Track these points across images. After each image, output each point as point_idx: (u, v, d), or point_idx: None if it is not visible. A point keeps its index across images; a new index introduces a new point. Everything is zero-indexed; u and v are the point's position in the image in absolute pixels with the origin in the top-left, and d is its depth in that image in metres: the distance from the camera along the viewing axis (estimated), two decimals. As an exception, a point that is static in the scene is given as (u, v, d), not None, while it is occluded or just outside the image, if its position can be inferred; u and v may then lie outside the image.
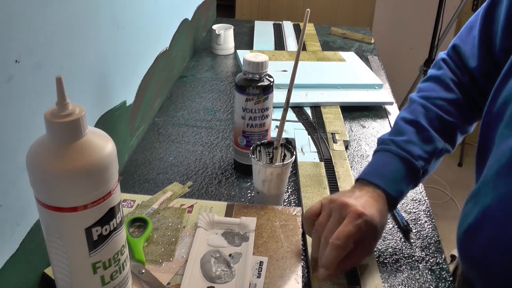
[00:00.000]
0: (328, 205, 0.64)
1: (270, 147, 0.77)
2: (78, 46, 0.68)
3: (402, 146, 0.70)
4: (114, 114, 0.83)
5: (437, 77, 0.78)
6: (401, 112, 0.77)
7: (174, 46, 1.19)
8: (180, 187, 0.82)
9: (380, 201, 0.65)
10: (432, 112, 0.73)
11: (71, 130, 0.43)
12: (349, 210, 0.61)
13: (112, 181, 0.46)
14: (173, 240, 0.69)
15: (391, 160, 0.69)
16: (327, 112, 1.07)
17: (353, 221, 0.59)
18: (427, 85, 0.78)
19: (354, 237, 0.59)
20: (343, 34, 1.63)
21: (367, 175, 0.69)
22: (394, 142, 0.71)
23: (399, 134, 0.72)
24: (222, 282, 0.62)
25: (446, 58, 0.79)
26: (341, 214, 0.61)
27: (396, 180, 0.68)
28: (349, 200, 0.62)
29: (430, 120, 0.73)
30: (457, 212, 2.20)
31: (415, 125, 0.72)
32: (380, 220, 0.63)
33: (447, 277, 0.67)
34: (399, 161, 0.69)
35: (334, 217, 0.62)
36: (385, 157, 0.70)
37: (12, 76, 0.52)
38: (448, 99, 0.75)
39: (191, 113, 1.08)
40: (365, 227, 0.60)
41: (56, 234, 0.46)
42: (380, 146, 0.72)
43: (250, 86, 0.79)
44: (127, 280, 0.53)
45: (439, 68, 0.79)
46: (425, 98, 0.75)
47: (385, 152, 0.71)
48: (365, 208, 0.61)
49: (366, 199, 0.64)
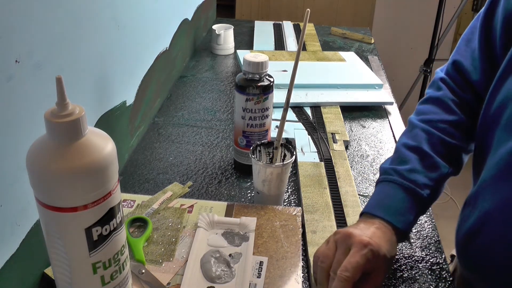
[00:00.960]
0: (333, 237, 0.61)
1: (270, 147, 0.77)
2: (78, 46, 0.68)
3: (406, 176, 0.67)
4: (114, 114, 0.83)
5: (437, 98, 0.75)
6: (401, 137, 0.74)
7: (174, 46, 1.19)
8: (180, 187, 0.82)
9: (387, 232, 0.62)
10: (434, 136, 0.70)
11: (71, 130, 0.43)
12: (354, 240, 0.58)
13: (112, 181, 0.46)
14: (173, 240, 0.69)
15: (396, 192, 0.66)
16: (327, 112, 1.07)
17: (360, 251, 0.57)
18: (427, 108, 0.75)
19: (362, 267, 0.56)
20: (343, 34, 1.63)
21: (372, 209, 0.66)
22: (397, 172, 0.68)
23: (401, 163, 0.69)
24: (222, 282, 0.62)
25: (445, 77, 0.76)
26: (346, 245, 0.59)
27: (402, 212, 0.65)
28: (353, 231, 0.60)
29: (433, 145, 0.70)
30: (457, 212, 2.20)
31: (418, 152, 0.69)
32: (389, 250, 0.60)
33: (447, 277, 0.67)
34: (404, 191, 0.66)
35: (340, 248, 0.59)
36: (388, 188, 0.67)
37: (12, 76, 0.52)
38: (450, 121, 0.71)
39: (191, 113, 1.08)
40: (372, 257, 0.57)
41: (56, 234, 0.46)
42: (383, 177, 0.69)
43: (250, 86, 0.79)
44: (127, 280, 0.53)
45: (438, 88, 0.76)
46: (426, 121, 0.72)
47: (388, 183, 0.68)
48: (372, 238, 0.59)
49: (372, 230, 0.61)
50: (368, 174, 0.89)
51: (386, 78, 1.31)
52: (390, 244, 0.61)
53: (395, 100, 1.16)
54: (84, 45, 0.70)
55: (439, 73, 0.78)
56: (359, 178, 0.88)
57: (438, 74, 0.78)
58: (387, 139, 1.01)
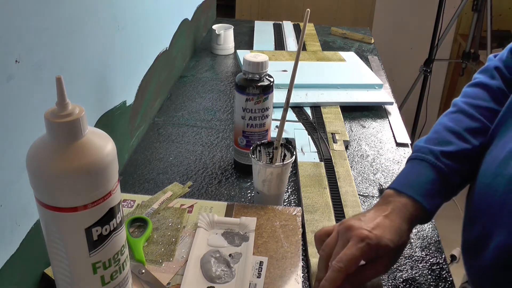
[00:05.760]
0: (337, 227, 0.62)
1: (270, 147, 0.77)
2: (78, 46, 0.68)
3: (441, 158, 0.65)
4: (114, 114, 0.83)
5: (489, 85, 0.71)
6: (443, 117, 0.71)
7: (174, 46, 1.19)
8: (180, 187, 0.82)
9: (396, 220, 0.61)
10: (479, 122, 0.68)
11: (71, 130, 0.43)
12: (353, 234, 0.58)
13: (112, 181, 0.46)
14: (173, 240, 0.69)
15: (427, 172, 0.65)
16: (327, 112, 1.07)
17: (356, 244, 0.57)
18: (476, 92, 0.72)
19: (357, 260, 0.57)
20: (343, 34, 1.63)
21: (400, 186, 0.64)
22: (432, 152, 0.66)
23: (438, 144, 0.67)
24: (222, 282, 0.62)
25: (500, 67, 0.73)
26: (346, 237, 0.59)
27: (431, 194, 0.63)
28: (354, 223, 0.60)
29: (475, 133, 0.67)
30: (457, 212, 2.20)
31: (458, 136, 0.67)
32: (394, 240, 0.59)
33: (447, 277, 0.67)
34: (436, 173, 0.64)
35: (340, 240, 0.60)
36: (420, 167, 0.66)
37: (12, 76, 0.52)
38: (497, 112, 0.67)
39: (191, 113, 1.08)
40: (369, 250, 0.58)
41: (56, 234, 0.46)
42: (416, 154, 0.67)
43: (250, 86, 0.79)
44: (127, 280, 0.53)
45: (491, 77, 0.72)
46: (473, 106, 0.70)
47: (420, 162, 0.66)
48: (373, 230, 0.59)
49: (378, 221, 0.60)
50: (368, 174, 0.89)
51: (386, 78, 1.31)
52: (398, 233, 0.60)
53: (395, 100, 1.16)
54: (84, 45, 0.70)
55: (493, 60, 0.75)
56: (359, 178, 0.88)
57: (492, 61, 0.75)
58: (387, 139, 1.01)
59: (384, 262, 0.60)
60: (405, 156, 0.95)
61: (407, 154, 0.96)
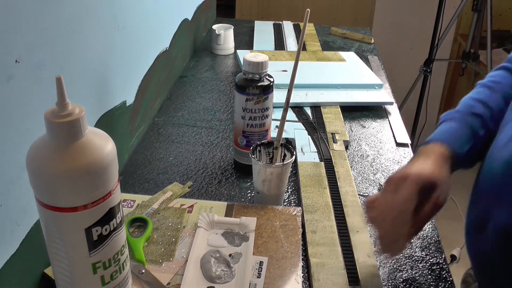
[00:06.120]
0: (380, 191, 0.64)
1: (270, 147, 0.77)
2: (78, 46, 0.68)
3: (468, 116, 0.70)
4: (114, 114, 0.83)
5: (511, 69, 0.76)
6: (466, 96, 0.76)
7: (174, 46, 1.19)
8: (180, 187, 0.82)
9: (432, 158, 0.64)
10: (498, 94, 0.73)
11: (71, 130, 0.43)
12: (393, 180, 0.61)
13: (112, 181, 0.46)
14: (173, 240, 0.69)
15: (457, 124, 0.70)
16: (327, 112, 1.07)
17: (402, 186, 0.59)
18: (498, 73, 0.77)
19: (407, 199, 0.59)
20: (343, 34, 1.63)
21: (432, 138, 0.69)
22: (459, 112, 0.71)
23: (464, 107, 0.72)
24: (222, 282, 0.62)
25: None
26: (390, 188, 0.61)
27: (462, 140, 0.68)
28: (393, 175, 0.62)
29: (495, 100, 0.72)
30: (457, 212, 2.20)
31: (482, 103, 0.72)
32: (436, 171, 0.62)
33: (447, 277, 0.67)
34: (464, 125, 0.69)
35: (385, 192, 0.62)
36: (449, 124, 0.71)
37: (12, 76, 0.52)
38: None
39: (191, 113, 1.08)
40: (415, 185, 0.59)
41: (56, 234, 0.46)
42: (444, 117, 0.73)
43: (250, 86, 0.79)
44: (127, 280, 0.53)
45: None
46: (495, 82, 0.75)
47: (450, 121, 0.71)
48: (411, 168, 0.61)
49: (412, 162, 0.64)
50: (368, 174, 0.89)
51: (386, 78, 1.31)
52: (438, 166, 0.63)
53: (395, 100, 1.16)
54: (84, 45, 0.70)
55: None
56: (359, 178, 0.88)
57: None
58: (387, 139, 1.01)
59: (437, 193, 0.61)
60: (405, 156, 0.95)
61: (407, 154, 0.96)
